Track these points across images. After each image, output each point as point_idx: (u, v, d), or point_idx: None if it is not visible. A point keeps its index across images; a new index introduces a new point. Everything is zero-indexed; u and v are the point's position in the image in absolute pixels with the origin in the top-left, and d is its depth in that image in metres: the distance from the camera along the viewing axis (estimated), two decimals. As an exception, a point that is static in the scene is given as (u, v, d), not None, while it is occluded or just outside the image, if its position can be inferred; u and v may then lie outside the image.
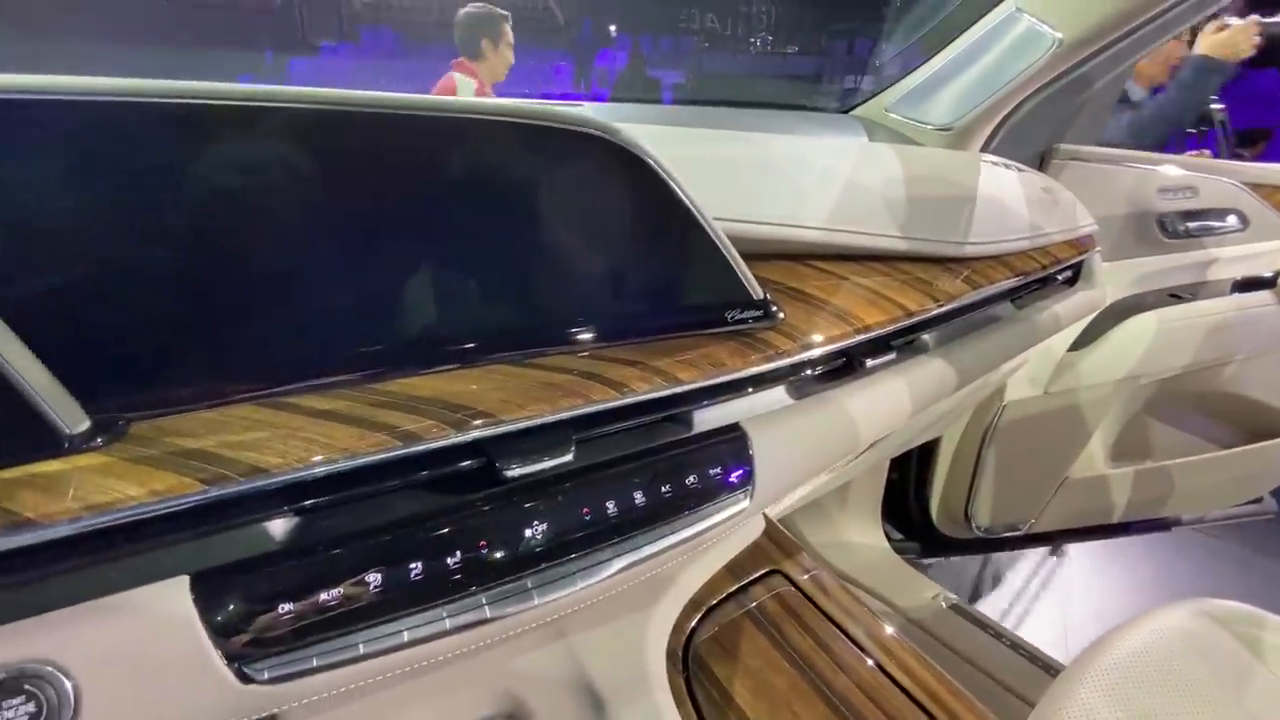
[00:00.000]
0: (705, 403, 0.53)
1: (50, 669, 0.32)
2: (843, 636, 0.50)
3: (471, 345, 0.45)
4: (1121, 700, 0.82)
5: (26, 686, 0.32)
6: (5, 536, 0.31)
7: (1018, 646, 1.35)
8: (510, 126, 0.44)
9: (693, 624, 0.50)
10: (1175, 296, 1.52)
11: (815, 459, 0.60)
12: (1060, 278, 0.95)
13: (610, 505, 0.47)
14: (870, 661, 0.49)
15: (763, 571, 0.56)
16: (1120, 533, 1.89)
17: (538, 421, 0.44)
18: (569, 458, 0.46)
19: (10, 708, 0.31)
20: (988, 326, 0.82)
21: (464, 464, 0.44)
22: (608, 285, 0.50)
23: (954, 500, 1.60)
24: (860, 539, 1.60)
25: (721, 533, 0.53)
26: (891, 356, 0.66)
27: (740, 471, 0.53)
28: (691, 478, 0.51)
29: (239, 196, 0.38)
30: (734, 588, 0.54)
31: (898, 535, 1.70)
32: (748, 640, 0.50)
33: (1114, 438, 1.61)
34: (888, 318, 0.63)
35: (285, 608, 0.37)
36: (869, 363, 0.63)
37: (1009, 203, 0.86)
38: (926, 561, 1.70)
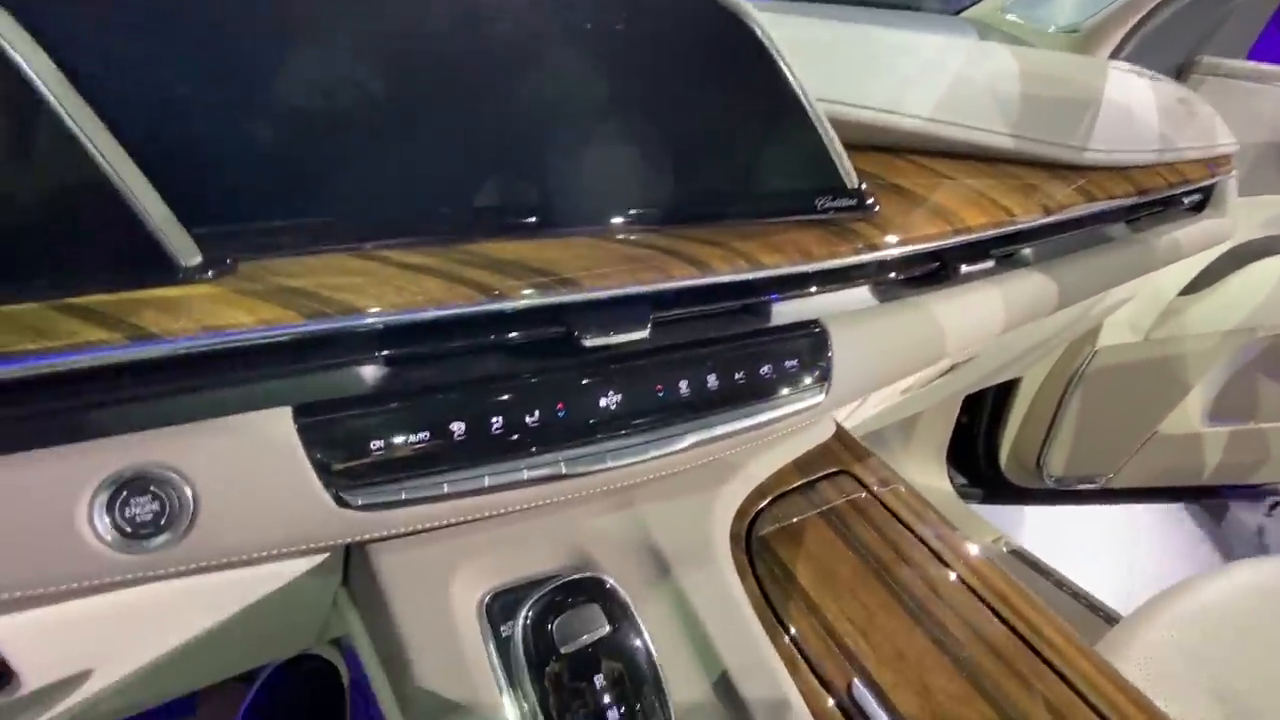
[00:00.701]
0: (787, 294, 0.52)
1: (175, 475, 0.35)
2: (909, 534, 0.50)
3: (553, 214, 0.45)
4: (1190, 649, 0.78)
5: (152, 488, 0.35)
6: (133, 347, 0.34)
7: (1079, 596, 1.32)
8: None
9: (757, 509, 0.51)
10: (1314, 242, 1.35)
11: (895, 365, 0.57)
12: (1187, 201, 0.86)
13: (684, 385, 0.47)
14: (936, 558, 0.48)
15: (831, 470, 0.55)
16: (1206, 496, 1.78)
17: (616, 292, 0.44)
18: (645, 334, 0.45)
19: (139, 504, 0.35)
20: (1098, 246, 0.75)
21: (545, 330, 0.44)
22: (695, 157, 0.48)
23: (1027, 447, 1.54)
24: (922, 480, 1.56)
25: (792, 426, 0.52)
26: (989, 265, 0.61)
27: (817, 367, 0.52)
28: (766, 368, 0.50)
29: (347, 52, 0.38)
30: (800, 482, 0.54)
31: (961, 480, 1.65)
32: (812, 529, 0.50)
33: (1215, 393, 1.49)
34: (989, 221, 0.58)
35: (377, 444, 0.39)
36: (964, 269, 0.59)
37: (1137, 110, 0.77)
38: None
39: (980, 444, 1.56)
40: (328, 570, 0.47)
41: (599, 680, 0.29)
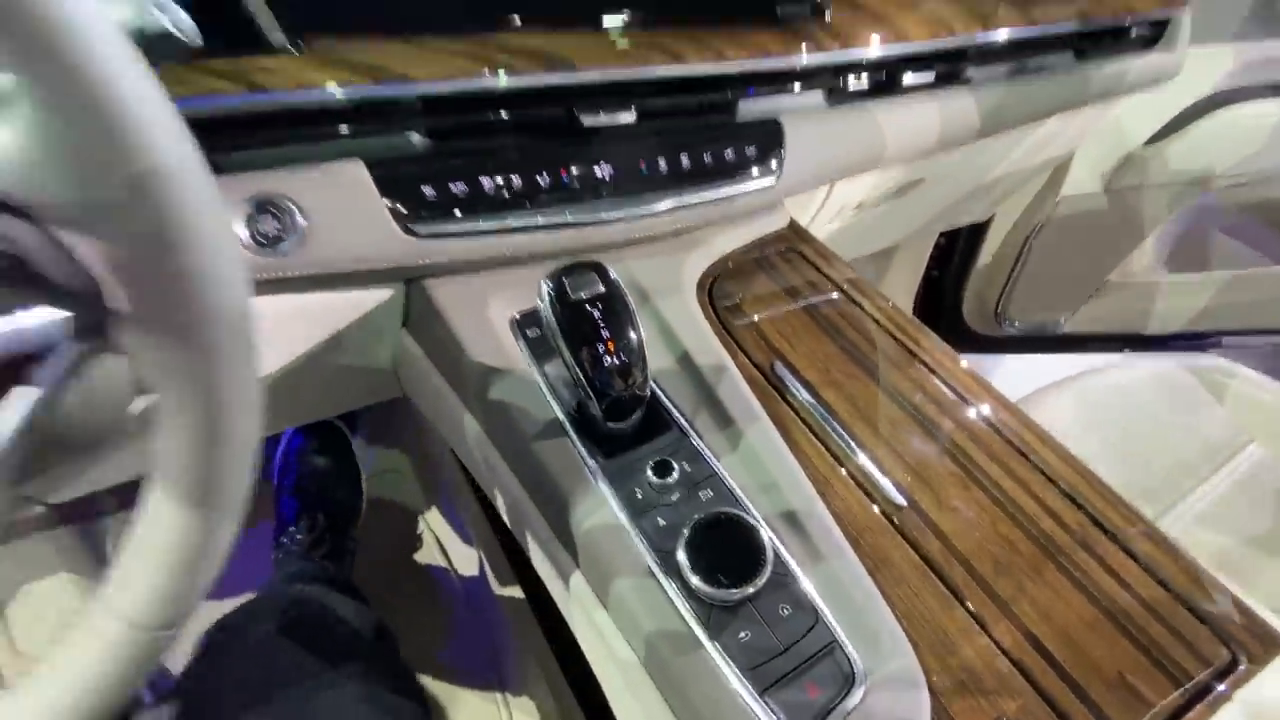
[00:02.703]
0: (750, 91, 0.63)
1: (289, 203, 0.49)
2: (829, 281, 0.64)
3: (558, 20, 0.55)
4: (1085, 418, 0.96)
5: (271, 208, 0.48)
6: (250, 97, 0.46)
7: None
8: None
9: (719, 272, 0.65)
10: (1287, 91, 1.40)
11: (841, 159, 0.69)
12: (1135, 34, 0.94)
13: (662, 162, 0.60)
14: (856, 303, 0.63)
15: (782, 248, 0.69)
16: (1156, 346, 1.93)
17: (608, 77, 0.55)
18: (631, 119, 0.57)
19: (264, 220, 0.48)
20: (1040, 73, 0.84)
21: (552, 110, 0.56)
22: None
23: (989, 294, 1.68)
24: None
25: (751, 204, 0.65)
26: (929, 77, 0.72)
27: (772, 154, 0.64)
28: (730, 152, 0.62)
29: None
30: (757, 255, 0.68)
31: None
32: (761, 283, 0.64)
33: (1171, 243, 1.61)
34: (930, 34, 0.68)
35: (429, 190, 0.52)
36: (906, 78, 0.70)
37: (1094, -60, 0.83)
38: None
39: (947, 294, 1.70)
40: (394, 308, 0.62)
41: (598, 318, 0.45)
